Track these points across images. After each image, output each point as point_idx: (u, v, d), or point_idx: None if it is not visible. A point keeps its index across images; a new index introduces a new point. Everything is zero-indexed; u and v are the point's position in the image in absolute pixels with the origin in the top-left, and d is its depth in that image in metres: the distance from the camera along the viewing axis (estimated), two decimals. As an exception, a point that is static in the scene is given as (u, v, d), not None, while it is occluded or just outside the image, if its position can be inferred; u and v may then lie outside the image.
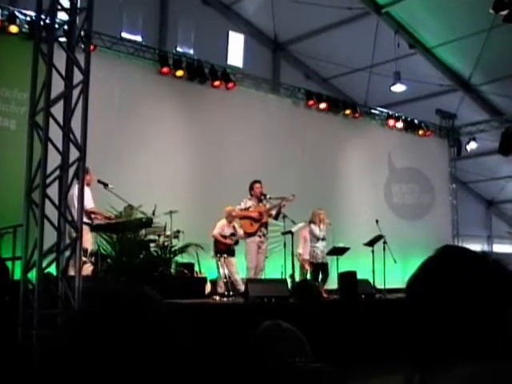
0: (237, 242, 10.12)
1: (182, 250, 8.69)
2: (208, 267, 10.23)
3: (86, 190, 6.94)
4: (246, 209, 9.45)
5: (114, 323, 1.13)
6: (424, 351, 1.23)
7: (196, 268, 9.81)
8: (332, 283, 10.34)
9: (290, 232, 9.65)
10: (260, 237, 9.38)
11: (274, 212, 9.53)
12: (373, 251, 10.43)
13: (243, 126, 13.06)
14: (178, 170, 12.00)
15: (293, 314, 6.56)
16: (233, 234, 10.14)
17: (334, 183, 14.54)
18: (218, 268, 9.76)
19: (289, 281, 9.38)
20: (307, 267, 11.01)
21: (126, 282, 6.69)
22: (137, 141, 11.51)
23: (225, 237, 10.11)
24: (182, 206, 10.13)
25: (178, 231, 9.26)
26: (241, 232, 9.92)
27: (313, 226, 10.60)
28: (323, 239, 10.59)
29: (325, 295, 9.45)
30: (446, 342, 1.21)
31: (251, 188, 9.56)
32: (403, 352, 1.26)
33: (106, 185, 8.45)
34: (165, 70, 12.10)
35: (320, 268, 10.51)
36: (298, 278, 10.61)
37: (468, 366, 1.18)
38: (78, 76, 5.78)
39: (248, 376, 2.00)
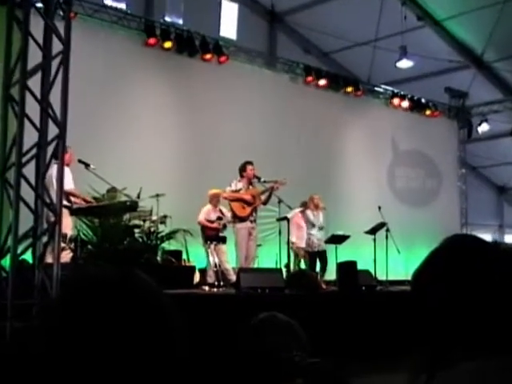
0: (225, 226, 10.13)
1: (169, 236, 8.63)
2: (197, 255, 10.26)
3: (66, 170, 6.88)
4: (237, 191, 9.45)
5: (98, 312, 1.05)
6: (430, 347, 1.24)
7: (184, 256, 9.84)
8: (330, 274, 10.40)
9: (286, 218, 9.66)
10: (251, 222, 9.39)
11: (264, 196, 9.55)
12: (374, 240, 10.49)
13: (236, 104, 13.05)
14: (166, 150, 12.01)
15: (288, 306, 6.51)
16: (219, 218, 10.16)
17: (334, 166, 14.60)
18: (208, 256, 9.80)
19: (284, 271, 9.44)
20: (302, 256, 11.09)
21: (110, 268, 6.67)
22: (121, 118, 11.48)
23: (211, 221, 10.14)
24: (170, 189, 10.13)
25: (165, 216, 9.30)
26: (228, 215, 9.95)
27: (308, 211, 10.69)
28: (320, 227, 10.61)
29: (323, 286, 9.49)
30: (454, 337, 1.22)
31: (243, 169, 9.55)
32: (408, 347, 1.26)
33: (87, 165, 8.40)
34: (151, 41, 12.07)
35: (317, 257, 10.58)
36: (293, 268, 10.62)
37: (477, 362, 1.18)
38: (57, 46, 5.69)
39: (241, 372, 2.00)
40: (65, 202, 7.17)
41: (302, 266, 11.02)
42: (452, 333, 1.22)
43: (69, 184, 7.98)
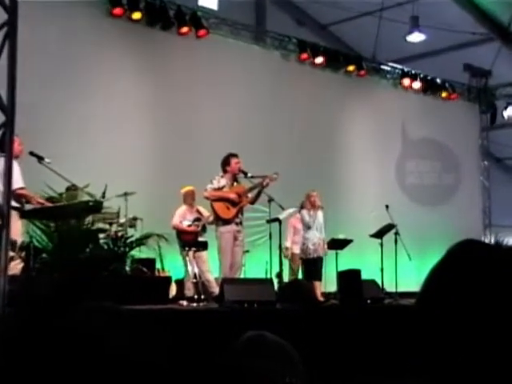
0: (204, 229, 10.17)
1: (140, 242, 8.86)
2: (173, 264, 10.33)
3: (14, 164, 6.81)
4: (220, 188, 9.42)
5: (36, 337, 1.15)
6: (438, 370, 1.25)
7: (158, 265, 9.96)
8: (330, 284, 10.46)
9: (278, 220, 9.69)
10: (237, 225, 9.34)
11: (251, 195, 9.56)
12: (381, 244, 10.57)
13: (218, 86, 13.05)
14: (136, 141, 12.02)
15: (280, 323, 6.62)
16: (197, 220, 10.22)
17: (333, 159, 14.64)
18: (186, 265, 9.83)
19: (275, 281, 9.47)
20: (298, 264, 11.13)
21: (66, 284, 6.64)
22: (81, 102, 11.39)
23: (188, 224, 10.21)
24: (141, 187, 10.14)
25: (135, 218, 9.37)
26: (206, 214, 10.07)
27: (303, 211, 10.70)
28: (318, 229, 10.61)
29: (321, 299, 9.61)
30: (462, 360, 1.23)
31: (226, 163, 9.49)
32: (419, 370, 1.27)
33: (40, 158, 8.28)
34: (117, 11, 12.00)
35: (312, 265, 10.57)
36: (286, 278, 10.72)
37: None
38: (0, 15, 5.64)
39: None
40: (13, 203, 7.10)
41: (300, 275, 11.06)
42: (458, 355, 1.23)
43: (17, 182, 7.85)
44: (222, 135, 12.38)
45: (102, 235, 8.47)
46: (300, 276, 11.04)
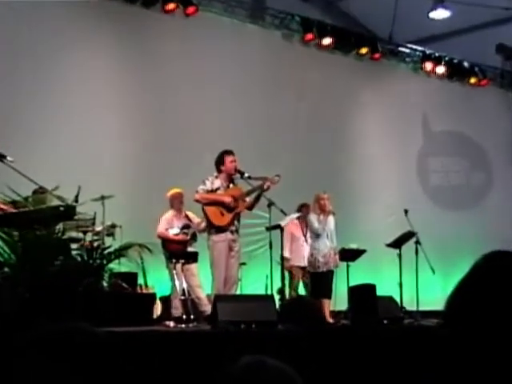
0: (194, 237, 10.22)
1: (120, 253, 8.65)
2: (158, 279, 10.35)
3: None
4: (213, 191, 9.43)
5: None
6: None
7: (140, 280, 9.90)
8: (340, 302, 10.46)
9: (279, 227, 9.70)
10: (232, 233, 9.36)
11: (249, 199, 9.57)
12: (400, 255, 10.57)
13: (210, 72, 13.10)
14: (114, 137, 12.08)
15: (283, 346, 6.70)
16: (186, 227, 10.22)
17: (344, 156, 14.66)
18: (173, 280, 9.78)
19: (277, 298, 9.47)
20: (299, 278, 11.16)
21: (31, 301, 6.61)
22: (50, 92, 11.39)
23: (175, 233, 10.21)
24: (120, 189, 10.21)
25: (114, 226, 9.47)
26: (197, 220, 10.15)
27: (312, 216, 10.58)
28: (328, 237, 10.54)
29: (330, 319, 9.57)
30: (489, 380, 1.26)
31: (220, 162, 9.51)
32: None
33: (2, 156, 8.30)
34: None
35: (322, 280, 10.47)
36: (289, 294, 10.68)
37: None
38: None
39: None
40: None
41: (301, 290, 11.09)
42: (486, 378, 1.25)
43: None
44: (215, 129, 12.43)
45: (74, 245, 8.47)
46: (303, 292, 11.08)
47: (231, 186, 9.58)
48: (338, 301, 10.59)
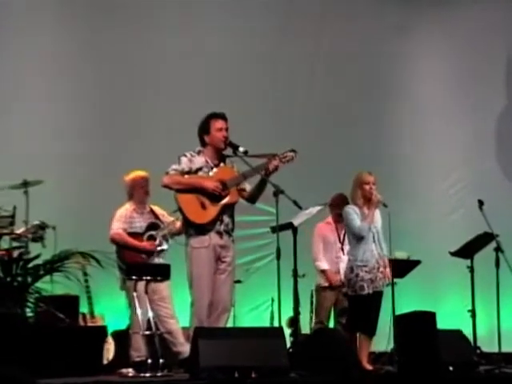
0: (165, 240, 10.28)
1: (53, 266, 8.58)
2: (110, 305, 10.49)
3: None
4: (192, 172, 9.25)
5: None
6: None
7: (83, 308, 10.08)
8: (380, 339, 10.47)
9: (291, 226, 9.61)
10: (221, 235, 9.13)
11: (247, 185, 9.40)
12: (472, 269, 10.66)
13: (187, 18, 13.51)
14: (45, 103, 12.66)
15: None
16: (152, 227, 10.28)
17: (384, 128, 14.93)
18: (132, 307, 9.77)
19: (287, 332, 9.73)
20: (331, 301, 11.07)
21: None
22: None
23: (137, 235, 10.24)
24: (53, 172, 10.48)
25: (44, 226, 9.39)
26: (169, 219, 10.31)
27: (350, 208, 10.24)
28: (376, 240, 10.22)
29: (367, 366, 9.49)
30: None
31: (204, 130, 9.33)
32: None
33: None
34: None
35: (365, 306, 10.15)
36: (307, 327, 10.85)
37: None
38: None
39: None
40: None
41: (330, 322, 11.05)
42: None
43: None
44: (199, 99, 12.50)
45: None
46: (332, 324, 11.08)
47: (222, 165, 9.39)
48: (379, 338, 10.48)
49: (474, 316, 10.26)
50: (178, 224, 9.91)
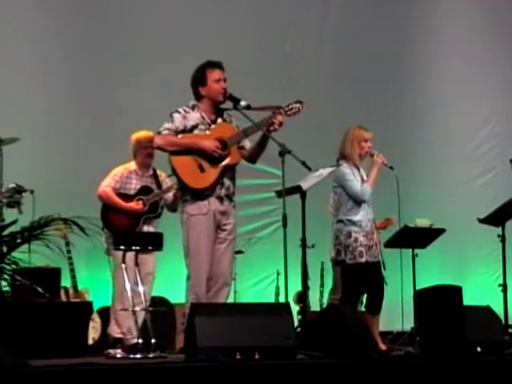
0: (155, 208, 10.28)
1: (31, 234, 8.68)
2: (95, 279, 10.51)
3: None
4: (187, 131, 9.07)
5: None
6: None
7: (66, 281, 10.14)
8: (395, 315, 10.66)
9: (299, 190, 9.30)
10: (221, 201, 8.99)
11: (248, 143, 9.24)
12: (503, 238, 10.63)
13: None
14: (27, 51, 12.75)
15: None
16: (146, 191, 10.22)
17: (405, 89, 15.35)
18: (115, 278, 9.90)
19: (295, 309, 9.74)
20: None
21: None
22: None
23: (127, 197, 10.21)
24: (31, 130, 10.62)
25: (20, 190, 9.17)
26: (169, 183, 10.31)
27: (345, 168, 10.18)
28: (369, 203, 10.27)
29: (382, 346, 9.57)
30: None
31: (199, 81, 9.17)
32: None
33: None
34: None
35: (365, 278, 10.09)
36: (317, 303, 11.12)
37: None
38: None
39: None
40: None
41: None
42: None
43: None
44: (192, 40, 12.94)
45: None
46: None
47: (219, 121, 9.16)
48: (392, 314, 10.53)
49: (505, 291, 10.14)
50: (170, 184, 10.14)
